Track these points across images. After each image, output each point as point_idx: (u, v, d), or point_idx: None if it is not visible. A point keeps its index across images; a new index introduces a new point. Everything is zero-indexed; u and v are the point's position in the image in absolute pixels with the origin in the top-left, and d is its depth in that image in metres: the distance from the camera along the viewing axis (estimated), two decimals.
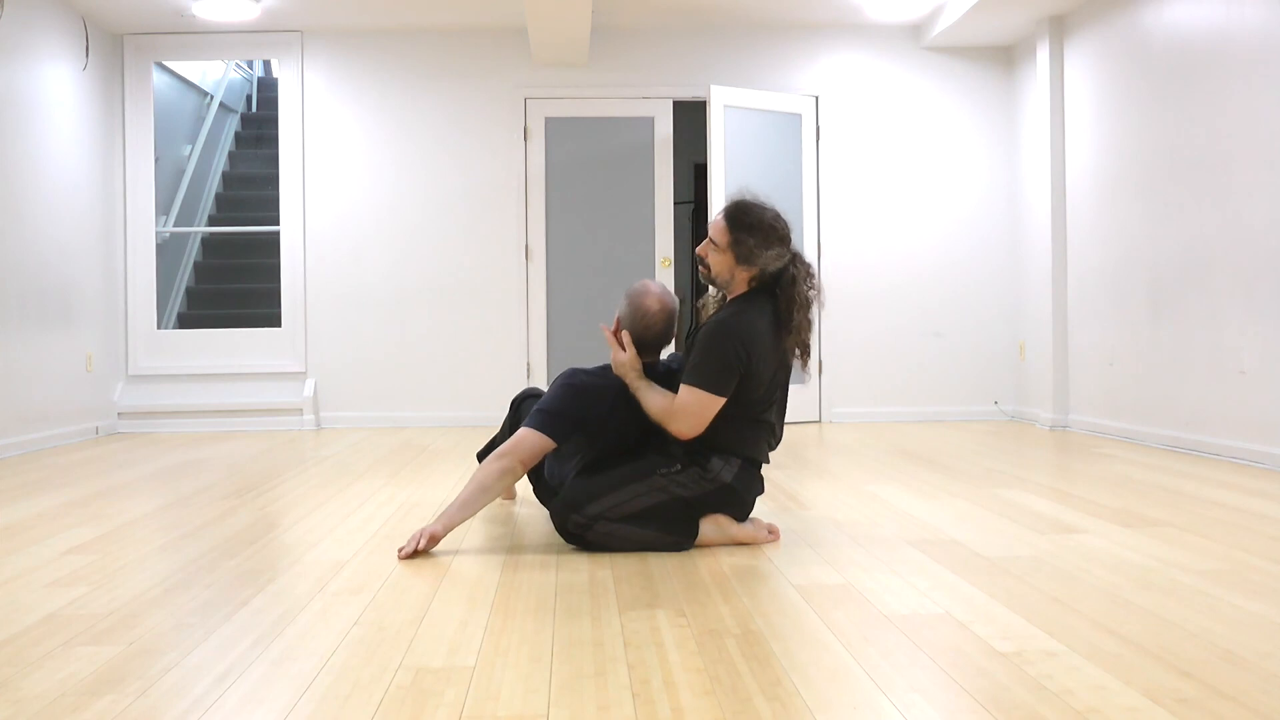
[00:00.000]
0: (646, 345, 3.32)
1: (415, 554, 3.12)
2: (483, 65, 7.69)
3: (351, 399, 7.65)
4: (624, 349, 3.26)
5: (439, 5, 7.17)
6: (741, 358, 3.10)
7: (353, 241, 7.68)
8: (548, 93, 7.68)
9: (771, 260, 3.19)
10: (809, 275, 3.22)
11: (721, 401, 3.11)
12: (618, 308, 3.38)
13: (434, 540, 3.14)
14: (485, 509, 3.86)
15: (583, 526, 3.13)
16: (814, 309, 3.22)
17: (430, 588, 2.73)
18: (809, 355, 3.26)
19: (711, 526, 3.19)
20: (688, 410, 3.11)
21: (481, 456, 4.06)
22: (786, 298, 3.17)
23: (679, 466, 3.15)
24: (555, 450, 3.34)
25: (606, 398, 3.27)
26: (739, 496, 3.22)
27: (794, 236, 3.30)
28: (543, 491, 3.65)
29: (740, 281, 3.24)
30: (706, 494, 3.17)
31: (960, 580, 2.74)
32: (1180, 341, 5.66)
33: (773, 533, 3.28)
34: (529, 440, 3.22)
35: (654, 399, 3.18)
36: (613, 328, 3.34)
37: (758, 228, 3.18)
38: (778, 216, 3.22)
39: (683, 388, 3.13)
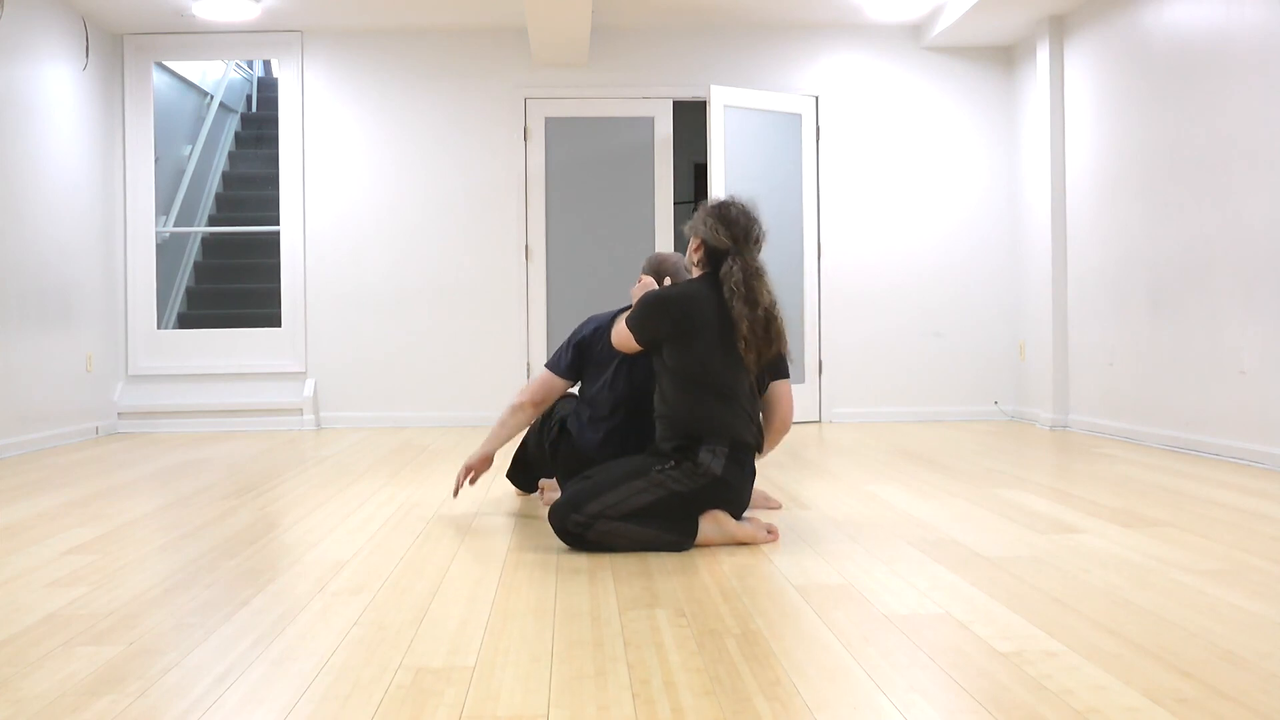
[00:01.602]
0: (662, 278, 3.77)
1: (470, 483, 3.81)
2: (483, 65, 7.69)
3: (351, 399, 7.65)
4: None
5: (439, 5, 7.17)
6: (661, 322, 3.33)
7: (353, 241, 7.68)
8: (548, 93, 7.68)
9: (710, 234, 3.39)
10: (749, 272, 3.33)
11: (635, 346, 3.44)
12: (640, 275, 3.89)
13: (472, 470, 3.75)
14: (489, 509, 3.91)
15: (583, 525, 3.14)
16: (756, 308, 3.30)
17: (430, 588, 2.73)
18: (751, 350, 3.30)
19: (711, 524, 3.20)
20: (617, 330, 3.56)
21: (510, 475, 4.23)
22: (727, 288, 3.31)
23: (673, 463, 3.21)
24: (579, 403, 3.82)
25: (605, 326, 3.81)
26: (732, 490, 3.25)
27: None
28: (562, 465, 3.79)
29: (692, 253, 3.46)
30: (701, 489, 3.20)
31: (960, 580, 2.74)
32: (1180, 341, 5.66)
33: (771, 533, 3.29)
34: (536, 379, 3.85)
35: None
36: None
37: (710, 203, 3.49)
38: (742, 210, 3.44)
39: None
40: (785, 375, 3.52)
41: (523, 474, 4.16)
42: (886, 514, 3.74)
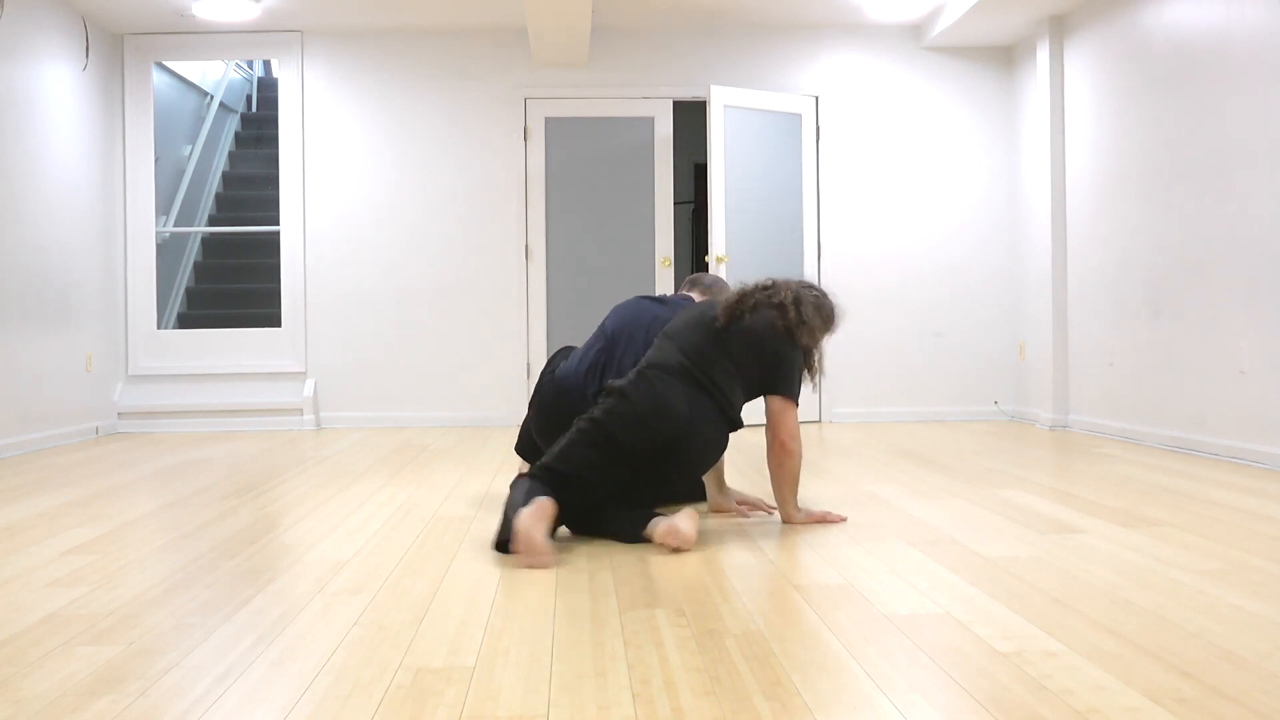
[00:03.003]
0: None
1: None
2: (483, 65, 7.69)
3: (351, 399, 7.65)
4: None
5: (439, 5, 7.17)
6: None
7: (353, 241, 7.68)
8: (548, 93, 7.68)
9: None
10: (763, 291, 3.53)
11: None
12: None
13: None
14: (489, 509, 3.93)
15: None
16: (776, 294, 3.51)
17: (430, 588, 2.73)
18: (730, 313, 3.46)
19: (665, 525, 3.16)
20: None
21: (519, 449, 4.25)
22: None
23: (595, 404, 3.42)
24: (565, 351, 4.11)
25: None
26: (638, 404, 3.27)
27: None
28: (536, 404, 3.99)
29: None
30: (612, 409, 3.28)
31: (960, 580, 2.74)
32: (1180, 341, 5.66)
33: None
34: None
35: None
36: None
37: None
38: (816, 297, 3.59)
39: None
40: (778, 392, 3.47)
41: (529, 446, 4.16)
42: (886, 514, 3.74)
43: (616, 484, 3.28)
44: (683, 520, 3.15)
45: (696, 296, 4.17)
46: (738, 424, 3.46)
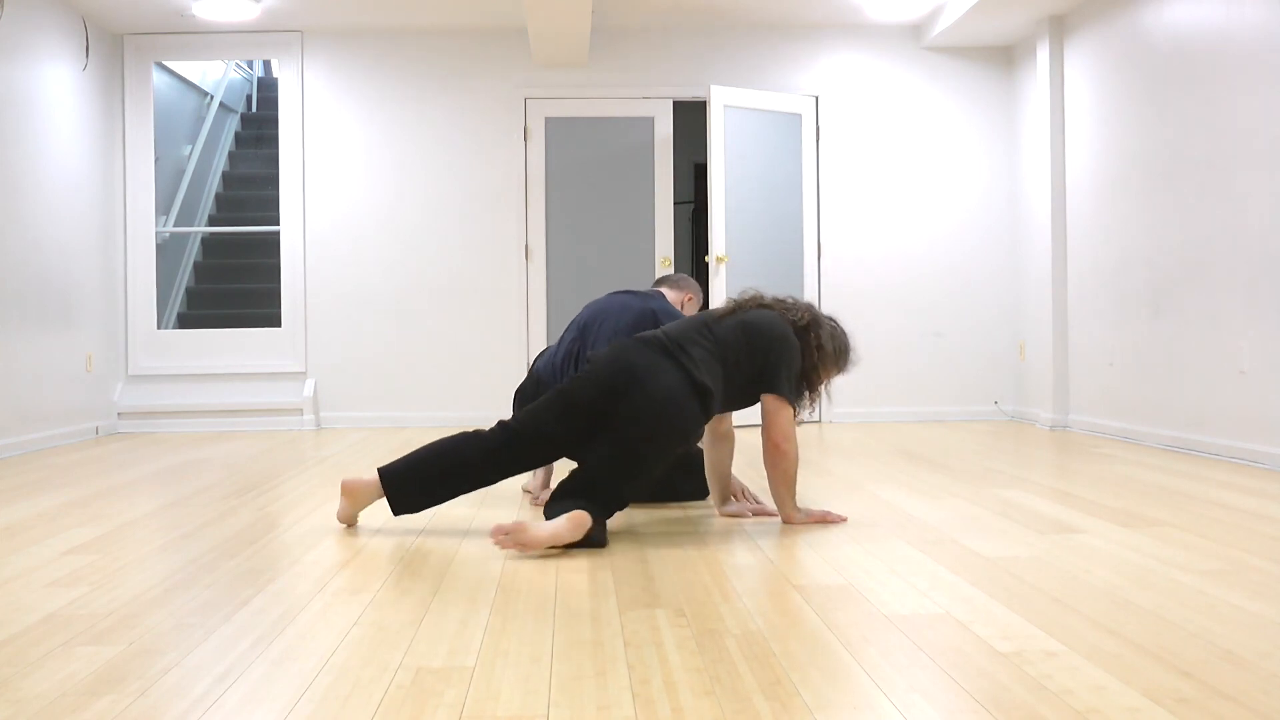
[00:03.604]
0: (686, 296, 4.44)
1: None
2: (482, 65, 7.69)
3: (351, 399, 7.65)
4: None
5: (439, 5, 7.17)
6: None
7: (353, 241, 7.68)
8: (548, 93, 7.68)
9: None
10: (777, 300, 3.66)
11: None
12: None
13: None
14: (488, 510, 3.91)
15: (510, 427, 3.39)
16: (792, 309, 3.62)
17: (430, 588, 2.73)
18: (732, 309, 3.56)
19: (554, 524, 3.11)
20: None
21: None
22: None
23: None
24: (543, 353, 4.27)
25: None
26: (595, 362, 3.35)
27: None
28: (518, 402, 4.16)
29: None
30: (580, 373, 3.38)
31: (960, 580, 2.74)
32: (1180, 341, 5.66)
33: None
34: None
35: None
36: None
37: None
38: (833, 326, 3.68)
39: None
40: (770, 390, 3.45)
41: None
42: (886, 514, 3.74)
43: (570, 444, 3.35)
44: (543, 524, 3.06)
45: (668, 291, 4.35)
46: (707, 391, 3.28)
